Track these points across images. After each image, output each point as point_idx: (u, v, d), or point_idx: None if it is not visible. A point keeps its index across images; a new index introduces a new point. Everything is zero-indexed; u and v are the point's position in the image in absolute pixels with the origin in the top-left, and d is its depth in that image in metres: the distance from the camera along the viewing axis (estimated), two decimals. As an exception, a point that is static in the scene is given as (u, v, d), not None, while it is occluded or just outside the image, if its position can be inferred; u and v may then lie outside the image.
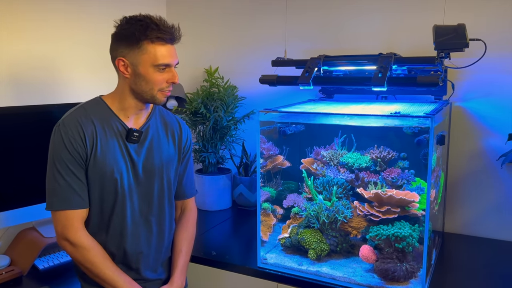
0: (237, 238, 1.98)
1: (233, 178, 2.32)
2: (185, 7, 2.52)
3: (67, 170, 1.19)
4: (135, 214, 1.29)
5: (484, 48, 1.62)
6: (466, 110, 1.90)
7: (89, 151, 1.21)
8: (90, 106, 1.26)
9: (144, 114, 1.33)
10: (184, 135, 1.42)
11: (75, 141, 1.19)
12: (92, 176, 1.22)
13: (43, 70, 1.89)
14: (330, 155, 1.78)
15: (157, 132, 1.34)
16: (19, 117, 1.66)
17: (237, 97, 2.30)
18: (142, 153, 1.29)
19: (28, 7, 1.81)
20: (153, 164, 1.31)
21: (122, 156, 1.26)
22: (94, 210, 1.26)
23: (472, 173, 1.92)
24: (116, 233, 1.28)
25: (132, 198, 1.28)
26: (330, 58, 1.67)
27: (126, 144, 1.27)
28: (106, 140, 1.23)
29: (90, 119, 1.23)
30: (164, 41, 1.20)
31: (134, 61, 1.20)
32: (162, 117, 1.39)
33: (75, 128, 1.20)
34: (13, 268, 1.58)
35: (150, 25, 1.18)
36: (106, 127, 1.24)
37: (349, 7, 2.07)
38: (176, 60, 1.25)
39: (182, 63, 2.55)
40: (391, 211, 1.53)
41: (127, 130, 1.26)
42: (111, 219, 1.26)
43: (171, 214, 1.41)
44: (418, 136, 1.55)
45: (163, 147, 1.34)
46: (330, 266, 1.58)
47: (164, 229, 1.37)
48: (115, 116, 1.26)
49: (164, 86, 1.24)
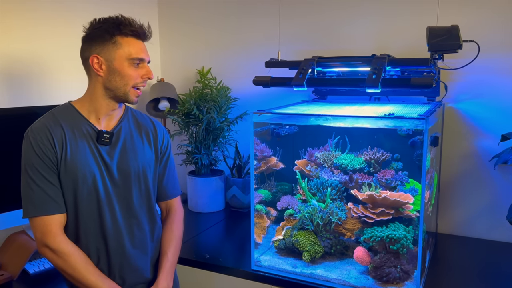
0: (230, 240, 1.97)
1: (226, 179, 2.31)
2: (177, 8, 2.50)
3: (39, 176, 1.18)
4: (115, 218, 1.27)
5: (477, 50, 1.62)
6: (459, 111, 1.91)
7: (59, 155, 1.20)
8: (59, 112, 1.26)
9: (116, 116, 1.32)
10: (159, 134, 1.40)
11: (45, 146, 1.19)
12: (65, 181, 1.21)
13: (30, 71, 1.86)
14: (324, 157, 1.78)
15: (130, 134, 1.33)
16: (4, 119, 1.64)
17: (230, 98, 2.29)
18: (115, 155, 1.28)
19: (16, 6, 1.77)
20: (129, 166, 1.29)
21: (94, 159, 1.24)
22: (70, 215, 1.24)
23: (465, 174, 1.92)
24: (97, 238, 1.26)
25: (111, 202, 1.27)
26: (324, 60, 1.66)
27: (97, 147, 1.25)
28: (76, 144, 1.22)
29: (59, 123, 1.23)
30: (137, 37, 1.24)
31: (109, 57, 1.21)
32: (135, 119, 1.38)
33: (43, 133, 1.20)
34: (2, 273, 1.55)
35: (122, 21, 1.22)
36: (75, 130, 1.24)
37: (342, 8, 2.07)
38: (149, 57, 1.28)
39: (174, 64, 2.57)
40: (385, 212, 1.52)
41: (97, 132, 1.26)
42: (89, 224, 1.25)
43: (153, 216, 1.38)
44: (411, 138, 1.55)
45: (137, 148, 1.33)
46: (324, 268, 1.57)
47: (145, 232, 1.35)
48: (84, 119, 1.26)
49: (138, 81, 1.25)
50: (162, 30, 2.56)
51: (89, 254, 1.25)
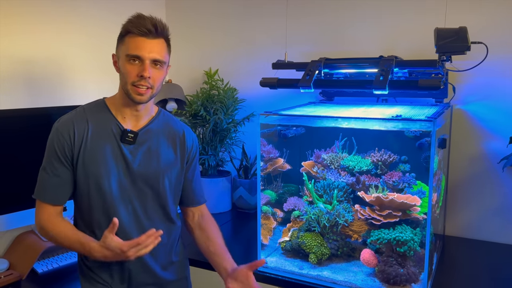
0: (237, 241, 1.97)
1: (233, 180, 2.31)
2: (184, 9, 2.51)
3: (50, 165, 1.23)
4: (129, 217, 1.27)
5: (485, 51, 1.61)
6: (466, 113, 1.89)
7: (76, 150, 1.23)
8: (90, 107, 1.30)
9: (145, 117, 1.32)
10: (188, 141, 1.39)
11: (64, 139, 1.22)
12: (80, 175, 1.24)
13: (47, 73, 1.88)
14: (331, 158, 1.77)
15: (157, 137, 1.33)
16: (20, 120, 1.66)
17: (237, 99, 2.29)
18: (138, 155, 1.28)
19: (29, 9, 1.79)
20: (149, 168, 1.29)
21: (114, 157, 1.25)
22: (85, 209, 1.26)
23: (473, 176, 1.91)
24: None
25: (125, 201, 1.27)
26: (331, 61, 1.66)
27: (120, 145, 1.26)
28: (97, 141, 1.24)
29: (86, 119, 1.25)
30: (139, 34, 1.19)
31: (118, 54, 1.24)
32: (166, 122, 1.37)
33: (67, 127, 1.23)
34: (12, 272, 1.56)
35: (131, 19, 1.22)
36: (101, 128, 1.25)
37: (349, 10, 2.07)
38: (152, 55, 1.20)
39: (182, 65, 2.58)
40: (393, 215, 1.52)
41: (122, 130, 1.26)
42: (102, 220, 1.25)
43: (169, 218, 1.37)
44: (419, 140, 1.55)
45: (161, 152, 1.32)
46: (331, 270, 1.57)
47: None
48: (112, 116, 1.27)
49: (134, 79, 1.20)
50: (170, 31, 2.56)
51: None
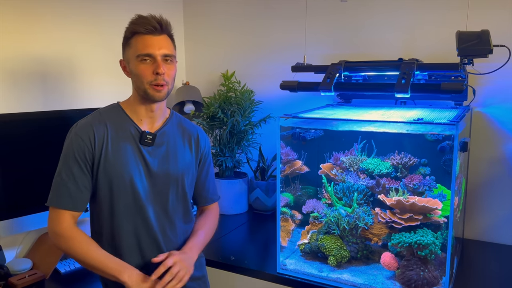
0: (254, 243, 1.98)
1: (250, 182, 2.32)
2: (202, 12, 2.52)
3: (67, 170, 1.21)
4: (150, 219, 1.28)
5: (508, 54, 1.60)
6: (486, 116, 1.88)
7: (97, 154, 1.22)
8: (106, 111, 1.30)
9: (159, 119, 1.33)
10: (202, 141, 1.42)
11: (84, 143, 1.22)
12: (102, 179, 1.24)
13: (60, 75, 1.90)
14: (350, 161, 1.77)
15: (174, 138, 1.35)
16: (37, 122, 1.68)
17: (253, 101, 2.30)
18: (157, 157, 1.30)
19: (43, 11, 1.81)
20: (169, 169, 1.31)
21: (135, 159, 1.26)
22: (106, 213, 1.26)
23: (493, 179, 1.90)
24: (130, 236, 1.27)
25: (147, 202, 1.28)
26: (351, 64, 1.66)
27: (139, 148, 1.27)
28: (117, 143, 1.25)
29: (104, 122, 1.26)
30: (144, 32, 1.20)
31: (127, 58, 1.25)
32: (180, 123, 1.39)
33: (86, 131, 1.23)
34: (35, 272, 1.59)
35: (134, 20, 1.22)
36: (119, 131, 1.26)
37: (368, 12, 2.06)
38: (162, 50, 1.21)
39: (199, 67, 2.59)
40: (414, 218, 1.51)
41: (141, 132, 1.28)
42: (124, 223, 1.26)
43: (189, 218, 1.40)
44: (440, 143, 1.54)
45: (179, 152, 1.34)
46: (350, 273, 1.57)
47: (177, 235, 1.35)
48: (129, 119, 1.29)
49: (151, 78, 1.21)
50: (187, 34, 2.59)
51: (122, 253, 1.26)
